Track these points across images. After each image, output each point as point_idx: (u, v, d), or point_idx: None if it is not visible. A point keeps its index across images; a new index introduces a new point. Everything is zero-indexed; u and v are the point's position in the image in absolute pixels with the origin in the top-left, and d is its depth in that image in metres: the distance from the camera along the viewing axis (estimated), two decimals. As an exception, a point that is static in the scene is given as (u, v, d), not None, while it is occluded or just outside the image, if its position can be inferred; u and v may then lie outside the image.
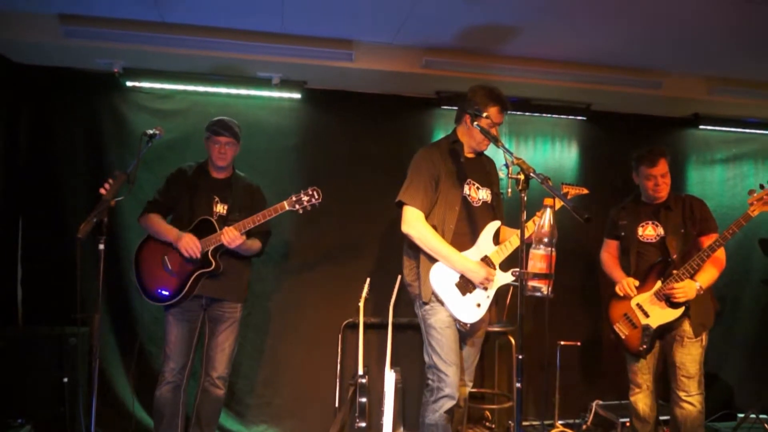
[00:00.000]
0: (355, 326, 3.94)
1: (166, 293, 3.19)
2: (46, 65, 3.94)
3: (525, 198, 2.33)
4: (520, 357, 2.31)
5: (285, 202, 3.23)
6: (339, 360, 4.17)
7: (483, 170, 3.11)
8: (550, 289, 2.30)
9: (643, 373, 3.46)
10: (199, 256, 3.15)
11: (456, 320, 2.88)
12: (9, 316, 3.86)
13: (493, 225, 2.98)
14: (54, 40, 3.56)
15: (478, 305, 2.89)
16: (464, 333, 2.95)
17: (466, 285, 2.88)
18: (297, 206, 3.23)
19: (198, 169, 3.41)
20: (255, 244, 3.39)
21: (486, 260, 2.93)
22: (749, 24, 3.42)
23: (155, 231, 3.25)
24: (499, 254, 2.94)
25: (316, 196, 3.23)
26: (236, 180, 3.46)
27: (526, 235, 2.41)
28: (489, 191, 3.07)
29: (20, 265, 3.93)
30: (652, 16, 3.36)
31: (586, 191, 3.25)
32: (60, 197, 3.96)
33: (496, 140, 2.63)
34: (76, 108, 4.02)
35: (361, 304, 3.84)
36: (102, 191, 2.63)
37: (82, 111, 4.03)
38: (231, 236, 3.15)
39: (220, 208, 3.34)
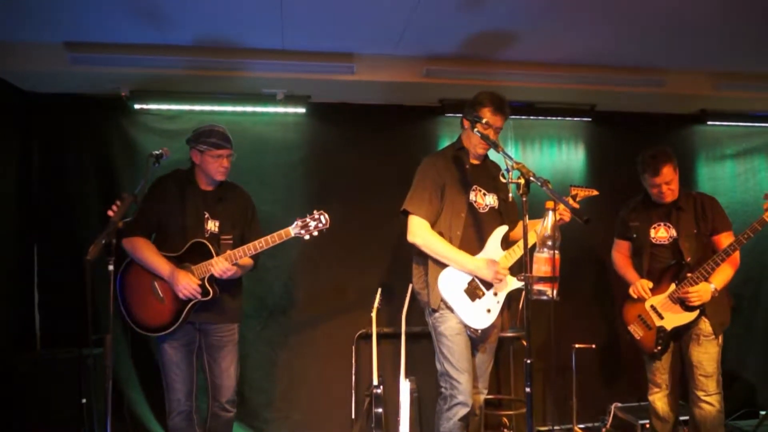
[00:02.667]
0: (369, 337, 3.95)
1: (161, 323, 2.97)
2: (56, 92, 4.02)
3: (527, 202, 2.33)
4: (529, 361, 2.30)
5: (290, 229, 3.00)
6: (354, 371, 4.18)
7: (489, 176, 3.12)
8: (555, 291, 2.30)
9: (662, 372, 3.44)
10: (199, 297, 2.95)
11: (466, 327, 2.88)
12: (28, 342, 3.92)
13: (501, 230, 2.98)
14: (61, 68, 3.63)
15: (488, 311, 2.89)
16: (476, 339, 2.95)
17: (474, 291, 2.88)
18: (303, 231, 3.00)
19: (184, 180, 3.14)
20: (247, 263, 3.16)
21: (494, 265, 2.92)
22: (750, 17, 3.40)
23: (143, 261, 2.97)
24: (507, 258, 2.94)
25: (323, 221, 3.01)
26: (226, 191, 3.21)
27: (532, 237, 2.41)
28: (496, 197, 3.07)
29: (37, 290, 3.99)
30: (652, 14, 3.35)
31: (596, 192, 3.22)
32: (73, 221, 4.02)
33: (495, 145, 2.64)
34: (86, 132, 4.09)
35: (374, 315, 3.85)
36: (110, 213, 2.66)
37: (91, 135, 4.09)
38: (221, 269, 2.93)
39: (212, 225, 3.10)
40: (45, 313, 4.01)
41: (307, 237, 3.02)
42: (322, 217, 3.02)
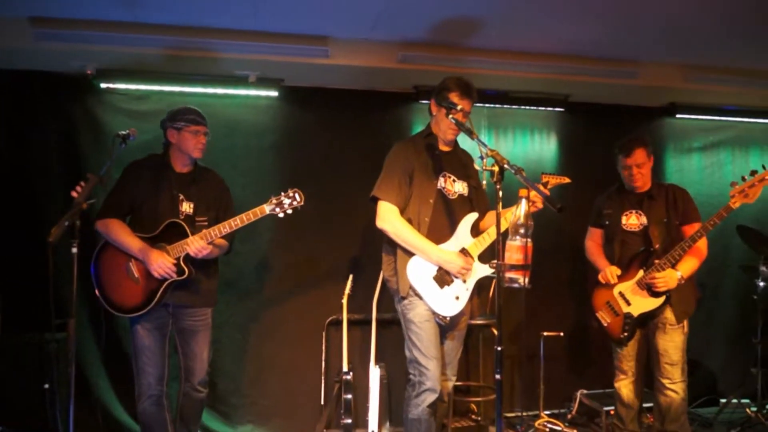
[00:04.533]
0: (339, 323, 3.93)
1: (135, 304, 2.95)
2: (19, 69, 3.88)
3: (500, 190, 2.33)
4: (500, 349, 2.31)
5: (265, 206, 3.02)
6: (324, 357, 4.17)
7: (459, 163, 3.11)
8: (527, 279, 2.31)
9: (628, 360, 3.49)
10: (175, 276, 2.94)
11: (435, 314, 2.88)
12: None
13: (471, 217, 2.98)
14: (25, 44, 3.51)
15: (457, 298, 2.90)
16: (445, 327, 2.95)
17: (443, 278, 2.88)
18: (278, 209, 3.02)
19: (157, 162, 3.14)
20: (222, 244, 3.16)
21: (464, 252, 2.92)
22: (724, 10, 3.44)
23: (116, 241, 2.95)
24: (477, 246, 2.94)
25: (298, 199, 3.03)
26: (200, 174, 3.21)
27: (503, 226, 2.41)
28: (466, 184, 3.07)
29: (-3, 272, 3.88)
30: (626, 5, 3.37)
31: (568, 180, 3.23)
32: (35, 202, 3.90)
33: (470, 132, 2.62)
34: (51, 111, 3.96)
35: (345, 301, 3.83)
36: (73, 194, 2.59)
37: (56, 114, 3.97)
38: (197, 247, 2.92)
39: (186, 207, 3.08)
40: (5, 296, 3.88)
41: (281, 215, 3.03)
42: (296, 195, 3.03)
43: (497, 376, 2.31)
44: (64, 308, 3.43)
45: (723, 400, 4.46)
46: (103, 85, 3.97)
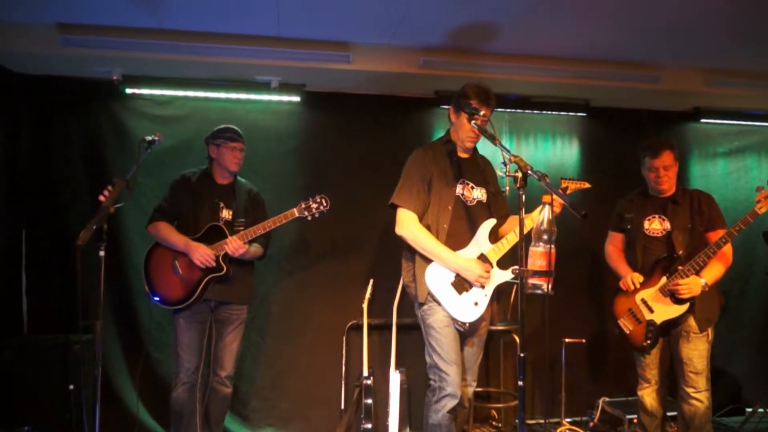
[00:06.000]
0: (359, 328, 3.94)
1: (178, 297, 3.24)
2: (46, 74, 3.96)
3: (523, 195, 2.32)
4: (522, 355, 2.30)
5: (295, 210, 3.35)
6: (344, 362, 4.17)
7: (478, 169, 3.11)
8: (550, 286, 2.29)
9: (651, 368, 3.44)
10: (214, 264, 3.23)
11: (454, 320, 2.88)
12: (15, 326, 3.88)
13: (489, 223, 2.97)
14: (53, 50, 3.58)
15: (476, 304, 2.89)
16: (464, 333, 2.94)
17: (461, 284, 2.88)
18: (306, 213, 3.36)
19: (202, 175, 3.47)
20: (258, 250, 3.46)
21: (483, 258, 2.92)
22: (746, 14, 3.40)
23: (164, 239, 3.29)
24: (495, 252, 2.93)
25: (324, 203, 3.38)
26: (238, 186, 3.53)
27: (525, 231, 2.40)
28: (484, 190, 3.06)
29: (24, 274, 3.95)
30: (648, 9, 3.35)
31: (588, 185, 3.20)
32: (62, 206, 3.98)
33: (492, 138, 2.62)
34: (77, 116, 4.04)
35: (365, 306, 3.84)
36: (101, 198, 2.65)
37: (82, 119, 4.05)
38: (234, 246, 3.24)
39: (226, 214, 3.40)
40: (32, 298, 3.97)
41: (309, 218, 3.39)
42: (323, 200, 3.40)
43: (520, 383, 2.30)
44: (90, 311, 3.51)
45: (748, 410, 4.38)
46: (128, 91, 4.03)
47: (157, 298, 3.26)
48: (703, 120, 4.82)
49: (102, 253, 2.49)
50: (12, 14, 3.43)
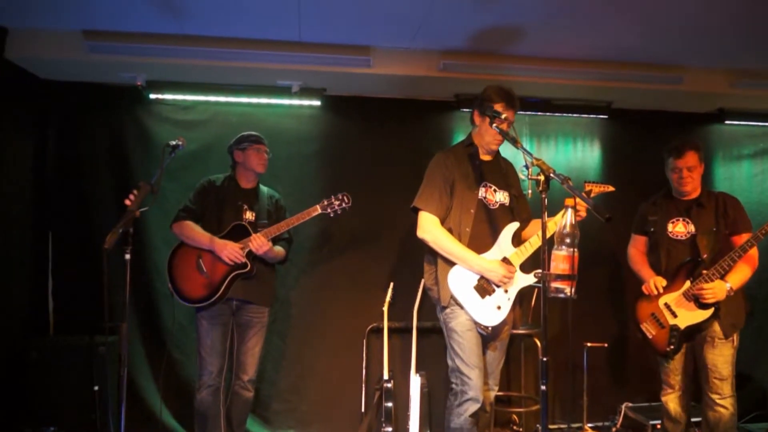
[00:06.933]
0: (380, 331, 3.95)
1: (203, 295, 3.26)
2: (72, 80, 4.04)
3: (545, 198, 2.31)
4: (545, 359, 2.29)
5: (318, 206, 3.40)
6: (364, 365, 4.18)
7: (500, 172, 3.10)
8: (573, 290, 2.27)
9: (675, 374, 3.39)
10: (242, 260, 3.26)
11: (476, 324, 2.87)
12: (41, 327, 3.95)
13: (512, 227, 2.96)
14: (79, 56, 3.64)
15: (499, 308, 2.88)
16: (486, 336, 2.93)
17: (484, 288, 2.87)
18: (329, 210, 3.41)
19: (226, 179, 3.53)
20: (281, 251, 3.49)
21: (505, 262, 2.91)
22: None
23: (189, 236, 3.32)
24: (518, 255, 2.92)
25: (347, 201, 3.43)
26: (261, 190, 3.58)
27: (548, 234, 2.39)
28: (507, 193, 3.06)
29: (51, 277, 4.02)
30: (669, 10, 3.31)
31: (611, 189, 3.17)
32: (88, 209, 4.04)
33: (514, 141, 2.61)
34: (102, 121, 4.11)
35: (386, 309, 3.84)
36: (127, 202, 2.68)
37: (107, 124, 4.11)
38: (258, 243, 3.27)
39: (249, 215, 3.44)
40: (58, 299, 4.04)
41: (331, 215, 3.43)
42: (345, 198, 3.44)
43: (542, 387, 2.28)
44: (115, 313, 3.56)
45: (775, 416, 4.32)
46: (151, 96, 4.10)
47: (180, 297, 3.28)
48: (727, 121, 4.75)
49: (128, 256, 2.52)
50: (39, 21, 3.50)
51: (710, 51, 3.94)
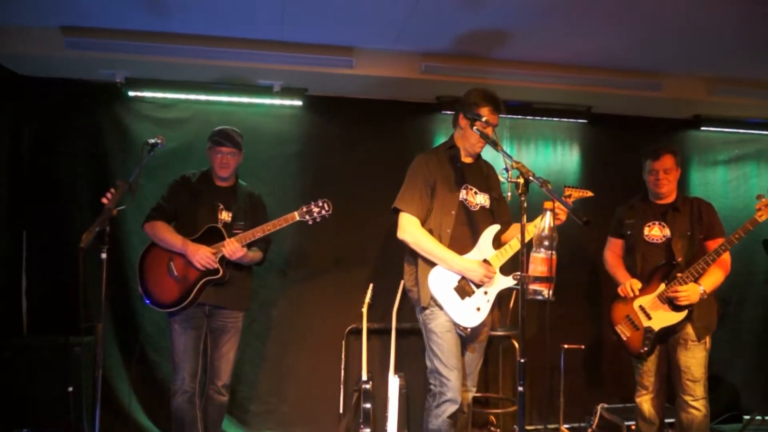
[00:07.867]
0: (359, 332, 3.94)
1: (172, 300, 3.14)
2: (50, 77, 3.98)
3: (525, 202, 2.33)
4: (523, 361, 2.31)
5: (296, 213, 3.26)
6: (343, 366, 4.17)
7: (481, 175, 3.12)
8: (551, 292, 2.30)
9: (649, 375, 3.44)
10: (215, 266, 3.14)
11: (456, 325, 2.88)
12: (14, 327, 3.88)
13: (492, 229, 2.98)
14: (57, 52, 3.59)
15: (478, 309, 2.89)
16: (465, 338, 2.95)
17: (464, 289, 2.89)
18: (307, 217, 3.27)
19: (202, 176, 3.41)
20: (257, 254, 3.37)
21: (486, 263, 2.92)
22: (748, 24, 3.41)
23: (161, 238, 3.21)
24: (498, 258, 2.94)
25: (327, 208, 3.28)
26: (239, 188, 3.46)
27: (527, 238, 2.41)
28: (487, 196, 3.08)
29: (24, 275, 3.96)
30: (651, 18, 3.36)
31: (590, 194, 3.19)
32: (64, 207, 3.98)
33: (495, 144, 2.63)
34: (80, 119, 4.05)
35: (365, 310, 3.84)
36: (104, 201, 2.65)
37: (85, 122, 4.05)
38: (232, 249, 3.15)
39: (225, 216, 3.32)
40: (32, 299, 3.97)
41: (310, 222, 3.28)
42: (325, 205, 3.29)
43: (520, 389, 2.31)
44: (91, 312, 3.51)
45: (746, 417, 4.39)
46: (131, 94, 4.05)
47: (149, 301, 3.17)
48: (703, 128, 4.84)
49: (104, 256, 2.50)
50: (16, 17, 3.44)
51: (688, 58, 4.00)
